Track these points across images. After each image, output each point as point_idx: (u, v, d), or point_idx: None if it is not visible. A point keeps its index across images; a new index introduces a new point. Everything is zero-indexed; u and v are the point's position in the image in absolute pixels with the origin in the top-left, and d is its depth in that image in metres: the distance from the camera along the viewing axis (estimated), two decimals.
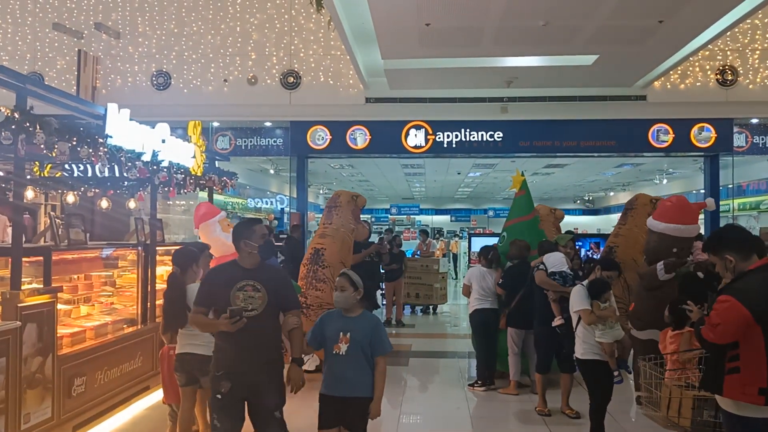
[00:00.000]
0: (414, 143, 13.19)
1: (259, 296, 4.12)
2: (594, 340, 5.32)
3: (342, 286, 4.33)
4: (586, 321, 5.34)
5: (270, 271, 4.30)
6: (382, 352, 4.30)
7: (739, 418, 3.65)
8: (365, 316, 4.38)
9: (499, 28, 9.18)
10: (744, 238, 3.77)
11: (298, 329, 4.30)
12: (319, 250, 8.23)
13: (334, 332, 4.27)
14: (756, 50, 12.55)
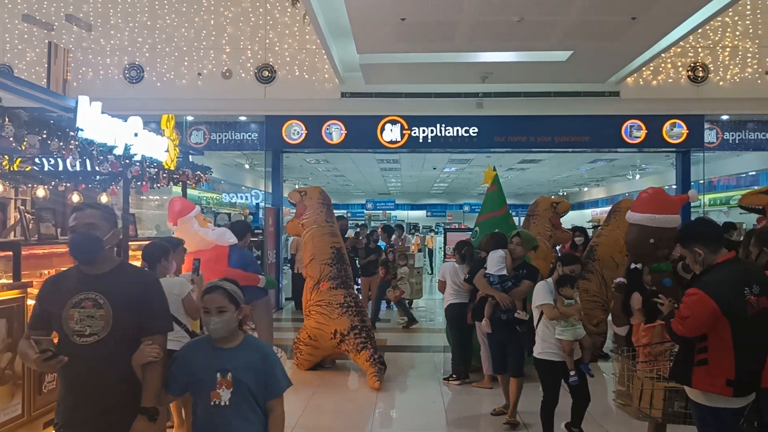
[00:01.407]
0: (389, 138, 13.18)
1: (100, 315, 3.00)
2: (553, 338, 5.35)
3: (219, 307, 3.09)
4: (548, 316, 5.37)
5: (126, 276, 3.15)
6: (277, 394, 3.18)
7: (708, 408, 3.72)
8: (249, 344, 3.18)
9: (474, 24, 9.20)
10: (713, 232, 3.84)
11: (156, 366, 3.06)
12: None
13: (207, 373, 3.06)
14: (726, 48, 12.73)
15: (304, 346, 8.26)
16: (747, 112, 13.22)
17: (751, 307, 3.59)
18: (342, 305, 7.97)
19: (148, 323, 3.10)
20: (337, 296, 8.03)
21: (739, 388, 3.61)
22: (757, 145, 13.90)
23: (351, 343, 7.84)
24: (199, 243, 6.81)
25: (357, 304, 8.09)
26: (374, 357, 7.76)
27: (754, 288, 3.62)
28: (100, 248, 3.10)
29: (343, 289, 8.09)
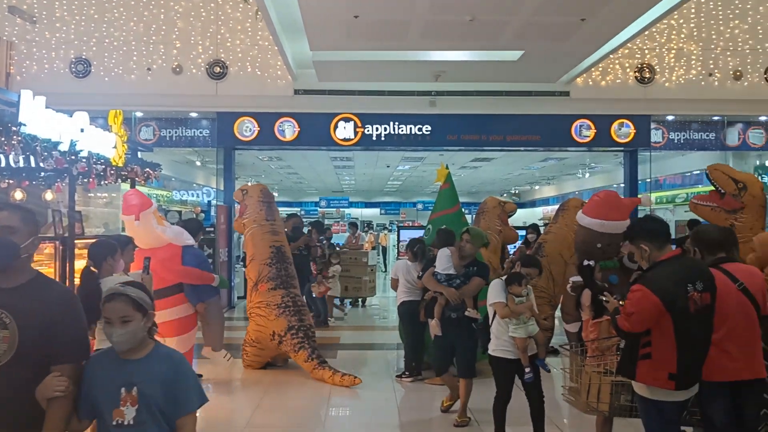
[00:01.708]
0: (343, 136, 13.16)
1: (4, 336, 2.59)
2: (507, 336, 5.40)
3: (123, 317, 2.72)
4: (500, 314, 5.42)
5: (41, 292, 2.72)
6: (188, 410, 2.77)
7: (652, 401, 3.82)
8: (159, 355, 2.80)
9: (427, 22, 9.24)
10: (659, 229, 3.93)
11: (62, 401, 2.63)
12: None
13: (110, 389, 2.67)
14: (672, 50, 13.06)
15: (249, 348, 8.21)
16: (691, 112, 13.59)
17: (693, 304, 3.69)
18: (279, 306, 7.89)
19: (58, 350, 2.64)
20: (275, 297, 7.95)
21: (680, 382, 3.71)
22: (701, 144, 14.32)
23: (289, 344, 7.79)
24: (153, 241, 6.69)
25: (296, 303, 8.00)
26: (312, 357, 7.70)
27: (697, 285, 3.72)
28: (15, 256, 2.71)
29: (282, 289, 8.00)
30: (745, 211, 6.50)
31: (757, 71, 13.05)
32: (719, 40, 13.03)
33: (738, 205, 6.53)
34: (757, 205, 6.54)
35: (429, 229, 8.51)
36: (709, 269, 3.96)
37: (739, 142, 14.28)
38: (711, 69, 13.02)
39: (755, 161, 15.10)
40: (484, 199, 9.69)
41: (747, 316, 4.01)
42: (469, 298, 6.28)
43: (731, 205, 6.54)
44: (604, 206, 6.28)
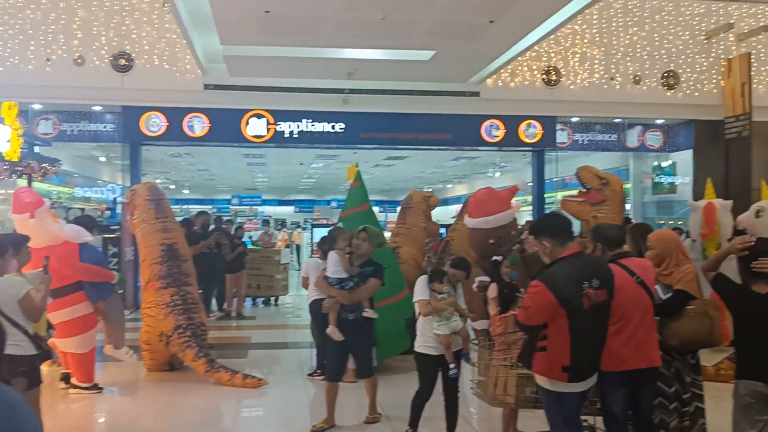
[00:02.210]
0: (255, 132, 12.95)
1: None
2: (431, 332, 5.45)
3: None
4: (422, 312, 5.46)
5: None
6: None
7: (552, 393, 3.97)
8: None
9: (339, 19, 9.22)
10: (561, 226, 4.07)
11: None
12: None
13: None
14: (576, 54, 13.53)
15: (144, 350, 7.95)
16: (594, 114, 14.13)
17: (588, 300, 3.84)
18: (168, 305, 7.64)
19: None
20: (165, 296, 7.69)
21: (573, 374, 3.87)
22: (603, 145, 14.92)
23: (176, 344, 7.54)
24: (50, 239, 6.42)
25: (186, 301, 7.72)
26: (199, 355, 7.45)
27: (593, 282, 3.88)
28: None
29: (173, 288, 7.73)
30: (606, 204, 7.38)
31: (654, 76, 13.70)
32: (620, 46, 13.60)
33: (601, 198, 7.39)
34: (618, 200, 7.47)
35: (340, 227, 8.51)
36: (607, 267, 4.12)
37: (638, 143, 14.97)
38: (612, 73, 13.56)
39: (653, 162, 15.87)
40: (409, 193, 9.72)
41: (644, 309, 4.22)
42: (366, 299, 6.10)
43: (595, 198, 7.41)
44: (482, 204, 6.42)
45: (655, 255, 4.93)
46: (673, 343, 4.71)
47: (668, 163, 15.25)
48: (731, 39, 13.84)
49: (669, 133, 14.97)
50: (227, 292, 12.67)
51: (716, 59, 13.87)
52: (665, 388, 4.75)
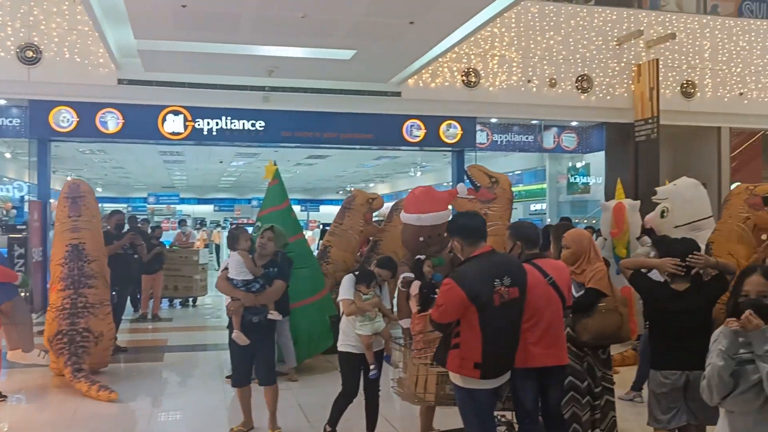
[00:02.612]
0: (171, 129, 12.61)
1: None
2: (354, 332, 5.43)
3: None
4: (345, 311, 5.44)
5: None
6: None
7: (465, 390, 4.05)
8: None
9: (258, 16, 9.08)
10: (473, 225, 4.16)
11: None
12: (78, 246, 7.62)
13: None
14: (495, 56, 13.80)
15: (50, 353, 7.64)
16: (512, 116, 14.45)
17: (499, 297, 3.94)
18: (58, 309, 7.34)
19: None
20: (58, 299, 7.38)
21: (485, 371, 3.95)
22: (521, 146, 15.28)
23: (54, 349, 7.27)
24: None
25: (76, 305, 7.36)
26: (67, 363, 7.13)
27: (504, 280, 3.97)
28: None
29: (70, 290, 7.39)
30: (496, 202, 7.70)
31: (569, 80, 14.12)
32: (537, 50, 13.95)
33: (491, 196, 7.71)
34: (506, 198, 7.80)
35: (258, 226, 8.41)
36: (519, 265, 4.23)
37: (554, 145, 15.41)
38: (530, 76, 13.90)
39: (568, 163, 16.38)
40: (353, 192, 9.61)
41: (554, 308, 4.36)
42: (271, 302, 5.93)
43: (485, 196, 7.71)
44: (419, 201, 6.47)
45: (570, 254, 5.09)
46: (585, 338, 4.88)
47: (582, 163, 15.77)
48: (641, 45, 14.42)
49: (583, 134, 15.48)
50: (143, 294, 12.32)
51: (627, 65, 14.43)
52: (578, 382, 4.91)
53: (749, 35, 15.12)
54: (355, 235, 9.18)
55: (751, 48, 15.11)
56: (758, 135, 15.58)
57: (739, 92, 14.97)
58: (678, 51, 14.61)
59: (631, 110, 14.30)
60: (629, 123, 14.31)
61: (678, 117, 14.37)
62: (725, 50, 14.95)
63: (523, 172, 19.55)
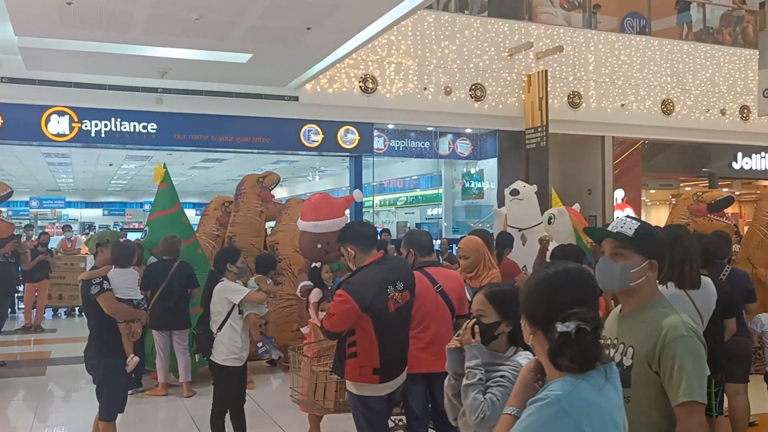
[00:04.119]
0: (56, 131, 12.00)
1: None
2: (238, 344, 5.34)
3: None
4: (255, 299, 5.57)
5: None
6: None
7: (358, 397, 4.10)
8: None
9: (150, 16, 8.80)
10: (365, 233, 4.22)
11: None
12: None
13: None
14: (392, 63, 13.98)
15: None
16: (409, 122, 14.67)
17: (394, 303, 4.02)
18: None
19: None
20: None
21: (384, 376, 4.03)
22: (418, 152, 15.54)
23: None
24: None
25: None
26: None
27: (397, 285, 4.06)
28: None
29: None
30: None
31: (463, 88, 14.48)
32: (432, 58, 14.23)
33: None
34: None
35: (146, 231, 8.17)
36: (408, 267, 4.34)
37: (449, 151, 15.77)
38: (425, 83, 14.15)
39: (463, 169, 16.81)
40: (242, 178, 9.43)
41: (442, 316, 4.48)
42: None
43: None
44: (315, 208, 6.49)
45: (470, 263, 5.24)
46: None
47: (476, 169, 16.23)
48: (531, 57, 15.00)
49: (477, 141, 15.92)
50: (26, 304, 11.67)
51: (518, 75, 14.96)
52: None
53: (630, 50, 16.04)
54: (255, 217, 9.05)
55: (632, 62, 16.03)
56: (638, 144, 16.53)
57: (620, 103, 15.83)
58: (565, 63, 15.29)
59: (522, 119, 14.83)
60: (520, 131, 14.84)
61: (565, 126, 15.03)
62: (608, 63, 15.78)
63: (419, 178, 19.90)
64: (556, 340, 1.93)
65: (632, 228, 2.61)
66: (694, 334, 2.54)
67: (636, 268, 2.60)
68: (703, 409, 2.50)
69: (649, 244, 2.62)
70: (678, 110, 16.44)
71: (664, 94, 16.32)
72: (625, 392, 2.42)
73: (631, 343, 2.60)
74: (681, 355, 2.46)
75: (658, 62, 16.32)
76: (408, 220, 20.81)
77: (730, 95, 17.12)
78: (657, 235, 2.69)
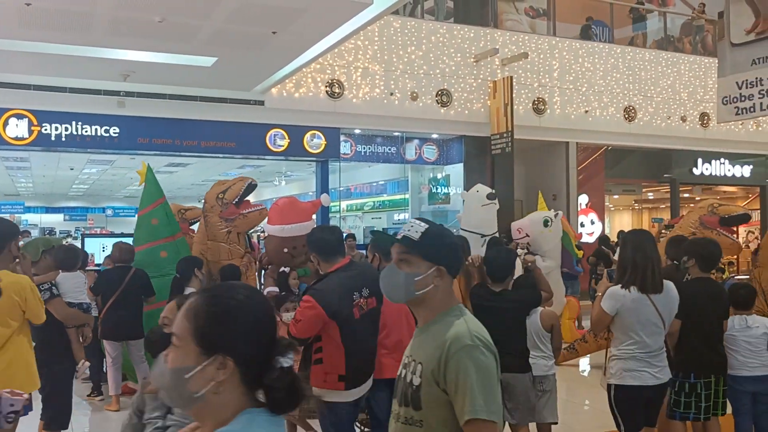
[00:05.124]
0: (15, 134, 11.72)
1: None
2: None
3: None
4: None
5: None
6: None
7: (326, 403, 4.07)
8: None
9: (113, 18, 8.65)
10: (330, 240, 4.18)
11: None
12: None
13: None
14: (358, 68, 13.96)
15: None
16: (375, 127, 14.67)
17: (359, 309, 4.00)
18: None
19: None
20: None
21: (350, 382, 4.00)
22: (384, 157, 15.55)
23: None
24: None
25: None
26: None
27: (363, 291, 4.03)
28: None
29: None
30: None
31: (430, 93, 14.53)
32: (399, 63, 14.25)
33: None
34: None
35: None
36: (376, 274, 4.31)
37: (416, 156, 15.81)
38: (392, 89, 14.17)
39: (429, 174, 16.85)
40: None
41: (405, 321, 4.46)
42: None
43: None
44: (282, 212, 6.46)
45: None
46: None
47: (443, 174, 16.29)
48: (497, 63, 15.12)
49: (443, 147, 15.99)
50: None
51: (484, 81, 15.07)
52: None
53: (593, 57, 16.26)
54: (221, 242, 8.78)
55: (595, 69, 16.26)
56: (601, 150, 16.77)
57: (584, 110, 16.03)
58: (530, 70, 15.44)
59: (487, 124, 14.93)
60: (486, 137, 14.94)
61: (530, 132, 15.17)
62: (572, 70, 15.98)
63: (386, 183, 19.89)
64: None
65: (419, 231, 2.35)
66: (481, 343, 2.24)
67: (421, 275, 2.31)
68: (495, 427, 2.18)
69: (437, 249, 2.34)
70: (640, 117, 16.72)
71: (626, 100, 16.58)
72: (417, 415, 2.26)
73: (421, 360, 2.31)
74: (464, 367, 2.17)
75: (621, 69, 16.59)
76: (375, 225, 20.80)
77: (691, 102, 17.47)
78: (447, 238, 2.42)
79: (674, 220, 16.49)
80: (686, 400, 4.75)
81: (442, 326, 2.29)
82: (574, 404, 7.94)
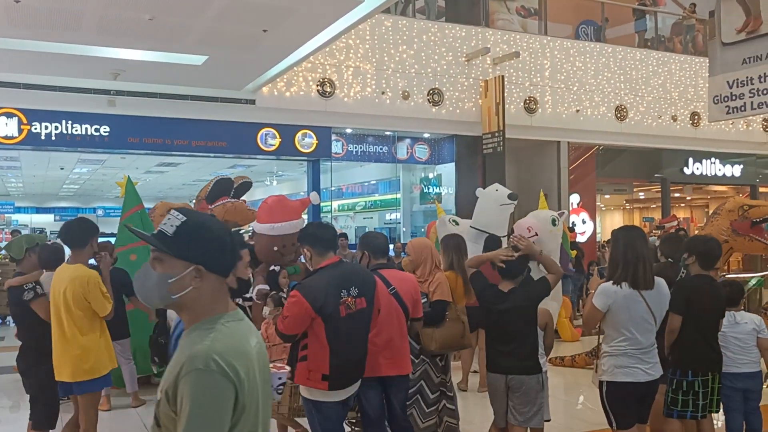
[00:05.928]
0: (5, 133, 11.65)
1: None
2: None
3: None
4: None
5: None
6: None
7: (312, 402, 4.05)
8: None
9: (102, 16, 8.60)
10: (323, 236, 4.18)
11: None
12: None
13: None
14: (350, 67, 13.93)
15: None
16: (367, 127, 14.64)
17: (346, 308, 3.97)
18: None
19: None
20: None
21: (333, 382, 3.97)
22: (376, 157, 15.53)
23: None
24: None
25: None
26: None
27: (351, 290, 4.01)
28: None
29: None
30: None
31: (421, 93, 14.51)
32: (390, 62, 14.23)
33: None
34: None
35: None
36: (368, 275, 4.29)
37: (407, 155, 15.80)
38: (383, 88, 14.14)
39: (421, 173, 16.83)
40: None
41: (396, 318, 4.45)
42: None
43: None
44: (271, 210, 6.43)
45: (410, 261, 5.25)
46: (433, 348, 5.01)
47: (434, 174, 16.27)
48: (488, 62, 15.12)
49: (435, 146, 15.98)
50: None
51: (475, 80, 15.06)
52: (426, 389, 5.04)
53: (584, 56, 16.29)
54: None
55: (586, 68, 16.29)
56: (593, 149, 16.80)
57: (575, 109, 16.06)
58: (521, 69, 15.45)
59: (479, 124, 14.93)
60: (477, 136, 14.93)
61: (521, 131, 15.18)
62: (563, 70, 16.00)
63: (377, 182, 19.87)
64: None
65: (174, 225, 2.03)
66: (218, 368, 1.89)
67: (175, 276, 2.01)
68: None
69: (194, 245, 2.03)
70: (631, 116, 16.76)
71: (617, 100, 16.62)
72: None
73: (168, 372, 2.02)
74: (189, 393, 1.87)
75: (612, 69, 16.63)
76: (367, 225, 20.78)
77: (681, 102, 17.53)
78: (208, 232, 2.06)
79: (665, 220, 16.59)
80: (684, 398, 4.75)
81: (195, 338, 2.00)
82: (567, 402, 7.94)
